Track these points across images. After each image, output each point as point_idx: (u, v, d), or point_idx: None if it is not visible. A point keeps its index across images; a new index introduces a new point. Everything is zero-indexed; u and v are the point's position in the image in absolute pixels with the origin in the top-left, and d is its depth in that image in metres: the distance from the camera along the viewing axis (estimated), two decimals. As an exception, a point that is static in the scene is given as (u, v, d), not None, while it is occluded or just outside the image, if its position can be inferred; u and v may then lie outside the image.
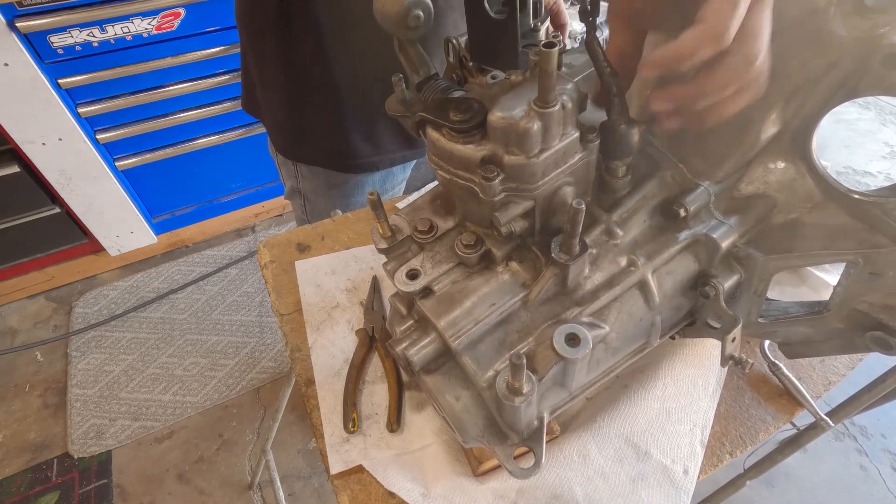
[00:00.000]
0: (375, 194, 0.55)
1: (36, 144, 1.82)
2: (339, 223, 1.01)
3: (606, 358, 0.58)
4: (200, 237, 2.50)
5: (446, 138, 0.50)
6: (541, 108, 0.45)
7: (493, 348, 0.54)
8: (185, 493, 1.76)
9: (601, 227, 0.56)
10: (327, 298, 0.88)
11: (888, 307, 0.55)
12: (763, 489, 1.76)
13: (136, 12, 1.72)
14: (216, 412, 1.94)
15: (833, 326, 0.61)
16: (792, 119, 0.53)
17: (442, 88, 0.59)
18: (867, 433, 1.90)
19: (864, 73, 0.46)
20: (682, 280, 0.58)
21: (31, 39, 1.64)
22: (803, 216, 0.56)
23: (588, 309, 0.55)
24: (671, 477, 0.67)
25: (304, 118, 1.03)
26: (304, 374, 0.78)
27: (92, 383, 2.01)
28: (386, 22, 0.55)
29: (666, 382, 0.74)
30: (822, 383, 0.77)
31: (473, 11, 0.59)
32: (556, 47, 0.41)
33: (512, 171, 0.48)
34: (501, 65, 0.59)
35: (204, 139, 2.14)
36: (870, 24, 0.44)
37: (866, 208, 0.52)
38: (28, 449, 1.85)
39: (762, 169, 0.57)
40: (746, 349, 0.81)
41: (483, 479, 0.67)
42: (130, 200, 2.16)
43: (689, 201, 0.56)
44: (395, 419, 0.72)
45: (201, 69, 1.95)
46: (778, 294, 0.80)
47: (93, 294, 2.30)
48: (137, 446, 1.85)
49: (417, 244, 0.59)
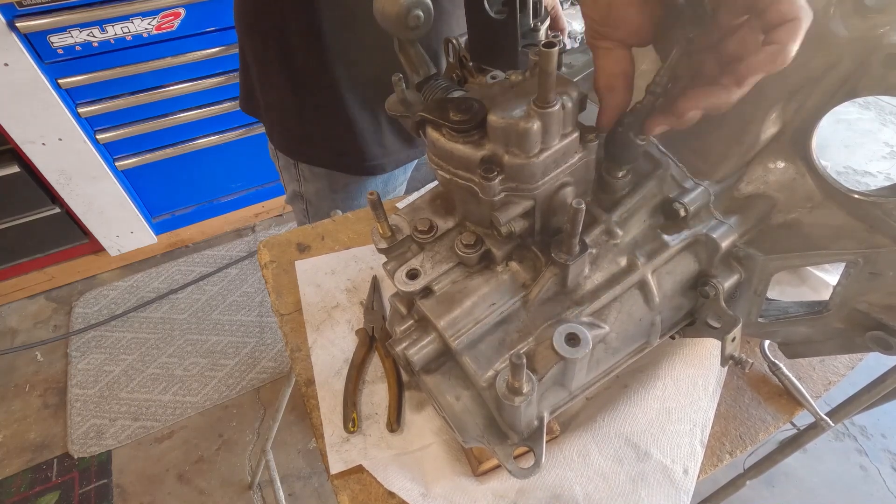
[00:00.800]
0: (375, 194, 0.55)
1: (36, 144, 1.82)
2: (339, 223, 1.01)
3: (606, 358, 0.58)
4: (200, 237, 2.50)
5: (446, 138, 0.50)
6: (541, 108, 0.45)
7: (493, 348, 0.54)
8: (185, 493, 1.76)
9: (601, 226, 0.56)
10: (327, 298, 0.88)
11: (888, 307, 0.55)
12: (763, 489, 1.76)
13: (136, 12, 1.72)
14: (216, 412, 1.94)
15: (833, 326, 0.61)
16: (792, 119, 0.53)
17: (442, 88, 0.59)
18: (867, 433, 1.90)
19: (864, 73, 0.46)
20: (681, 280, 0.58)
21: (31, 39, 1.64)
22: (803, 216, 0.56)
23: (588, 309, 0.55)
24: (671, 477, 0.67)
25: (309, 120, 1.03)
26: (304, 374, 0.78)
27: (92, 383, 2.01)
28: (386, 22, 0.55)
29: (666, 382, 0.74)
30: (822, 383, 0.77)
31: (473, 11, 0.59)
32: (556, 47, 0.41)
33: (512, 170, 0.48)
34: (501, 65, 0.59)
35: (204, 139, 2.14)
36: (870, 25, 0.45)
37: (866, 208, 0.52)
38: (28, 449, 1.85)
39: (762, 169, 0.57)
40: (746, 349, 0.81)
41: (483, 479, 0.67)
42: (130, 200, 2.16)
43: (689, 201, 0.56)
44: (395, 419, 0.72)
45: (201, 69, 1.95)
46: (778, 294, 0.80)
47: (93, 294, 2.30)
48: (137, 446, 1.85)
49: (417, 244, 0.59)
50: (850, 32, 0.45)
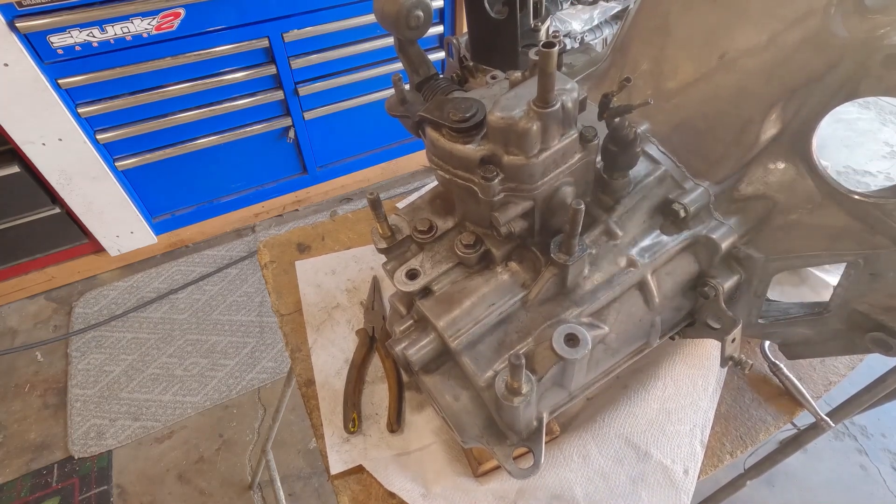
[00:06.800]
0: (375, 194, 0.55)
1: (36, 144, 1.82)
2: (339, 223, 1.01)
3: (606, 358, 0.58)
4: (200, 237, 2.50)
5: (446, 138, 0.50)
6: (540, 108, 0.45)
7: (493, 348, 0.54)
8: (185, 493, 1.75)
9: (601, 227, 0.56)
10: (327, 298, 0.88)
11: (889, 308, 0.55)
12: (763, 489, 1.76)
13: (135, 12, 1.72)
14: (216, 412, 1.94)
15: (833, 327, 0.61)
16: (792, 119, 0.53)
17: (442, 88, 0.59)
18: (867, 433, 1.90)
19: (865, 74, 0.46)
20: (681, 281, 0.58)
21: (31, 39, 1.64)
22: (803, 217, 0.56)
23: (587, 309, 0.55)
24: (671, 477, 0.67)
25: None
26: (304, 374, 0.78)
27: (92, 383, 2.01)
28: (386, 22, 0.55)
29: (666, 383, 0.74)
30: (823, 383, 0.77)
31: (473, 11, 0.59)
32: (555, 47, 0.41)
33: (511, 171, 0.48)
34: (502, 65, 0.59)
35: (204, 139, 2.14)
36: (870, 25, 0.44)
37: (866, 209, 0.52)
38: (28, 449, 1.85)
39: (762, 169, 0.57)
40: (747, 349, 0.81)
41: (483, 479, 0.67)
42: (130, 200, 2.16)
43: (689, 202, 0.56)
44: (396, 419, 0.72)
45: (201, 69, 1.95)
46: (778, 294, 0.80)
47: (93, 294, 2.30)
48: (137, 446, 1.85)
49: (417, 244, 0.59)
50: (851, 33, 0.45)
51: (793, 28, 0.47)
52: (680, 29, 0.57)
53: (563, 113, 0.46)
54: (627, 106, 0.50)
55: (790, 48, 0.48)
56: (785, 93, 0.51)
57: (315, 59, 2.06)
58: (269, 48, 1.97)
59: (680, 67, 0.57)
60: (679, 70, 0.57)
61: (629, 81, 0.49)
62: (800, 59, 0.43)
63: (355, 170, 2.53)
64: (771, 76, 0.45)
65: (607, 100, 0.50)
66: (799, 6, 0.47)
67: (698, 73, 0.56)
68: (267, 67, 2.01)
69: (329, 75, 2.15)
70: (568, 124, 0.48)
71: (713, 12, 0.54)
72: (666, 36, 0.58)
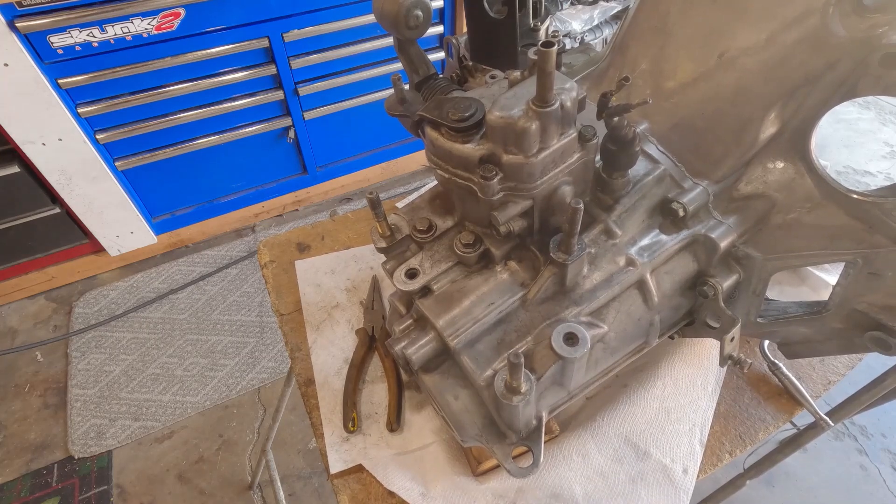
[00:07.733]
0: (375, 193, 0.55)
1: (36, 144, 1.82)
2: (339, 223, 1.01)
3: (605, 357, 0.58)
4: (200, 237, 2.50)
5: (445, 137, 0.50)
6: (539, 107, 0.45)
7: (492, 347, 0.54)
8: (185, 493, 1.75)
9: (600, 226, 0.56)
10: (327, 298, 0.88)
11: (888, 307, 0.55)
12: (763, 489, 1.76)
13: (135, 12, 1.72)
14: (216, 412, 1.94)
15: (832, 326, 0.61)
16: (791, 118, 0.53)
17: (441, 88, 0.59)
18: (867, 433, 1.90)
19: (863, 73, 0.46)
20: (680, 280, 0.58)
21: (31, 39, 1.64)
22: (802, 216, 0.56)
23: (587, 308, 0.55)
24: (671, 476, 0.67)
25: None
26: (304, 374, 0.78)
27: (92, 383, 2.01)
28: (385, 21, 0.55)
29: (665, 382, 0.74)
30: (822, 383, 0.77)
31: (473, 11, 0.59)
32: (554, 47, 0.41)
33: (510, 170, 0.48)
34: (501, 64, 0.59)
35: (204, 139, 2.14)
36: (868, 24, 0.44)
37: (865, 208, 0.52)
38: (28, 449, 1.85)
39: (761, 169, 0.57)
40: (746, 349, 0.81)
41: (483, 478, 0.67)
42: (130, 200, 2.16)
43: (688, 201, 0.56)
44: (395, 419, 0.72)
45: (201, 69, 1.95)
46: (777, 294, 0.80)
47: (93, 294, 2.30)
48: (137, 446, 1.85)
49: (416, 243, 0.59)
50: (849, 32, 0.45)
51: (792, 27, 0.47)
52: (679, 28, 0.57)
53: (561, 112, 0.46)
54: (626, 105, 0.50)
55: (789, 47, 0.48)
56: (784, 92, 0.51)
57: (315, 59, 2.06)
58: (269, 48, 1.97)
59: (679, 67, 0.57)
60: (678, 69, 0.57)
61: (628, 80, 0.49)
62: (799, 59, 0.43)
63: (355, 170, 2.53)
64: (770, 75, 0.45)
65: (606, 99, 0.50)
66: (798, 6, 0.47)
67: (697, 73, 0.56)
68: (267, 67, 2.01)
69: (329, 75, 2.15)
70: (567, 123, 0.48)
71: (712, 12, 0.54)
72: (665, 35, 0.58)
